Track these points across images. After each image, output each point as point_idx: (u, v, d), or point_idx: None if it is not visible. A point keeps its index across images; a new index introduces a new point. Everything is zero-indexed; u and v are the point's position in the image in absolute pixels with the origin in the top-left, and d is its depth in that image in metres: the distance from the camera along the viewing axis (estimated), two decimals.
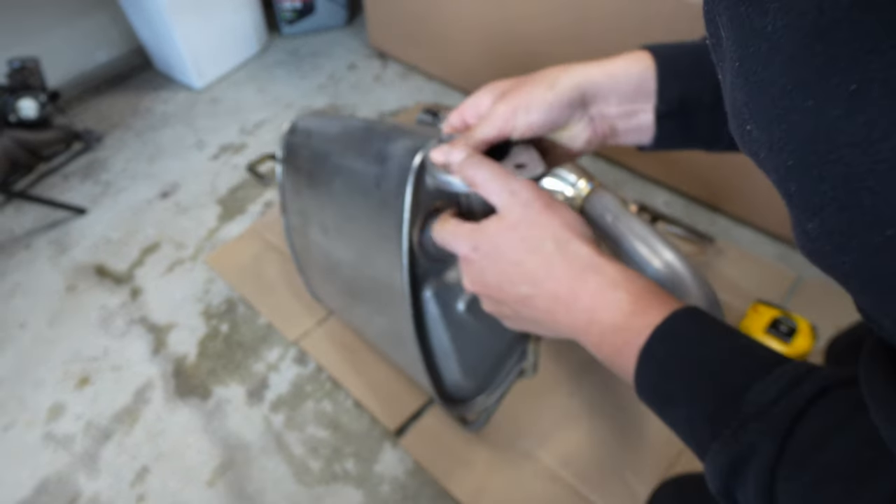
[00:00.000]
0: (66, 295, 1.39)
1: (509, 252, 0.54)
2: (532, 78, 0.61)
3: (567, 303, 0.51)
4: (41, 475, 1.09)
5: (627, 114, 0.62)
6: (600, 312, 0.49)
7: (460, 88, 1.92)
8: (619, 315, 0.48)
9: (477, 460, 1.04)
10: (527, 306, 0.55)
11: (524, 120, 0.59)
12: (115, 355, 1.26)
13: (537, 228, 0.54)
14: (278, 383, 1.19)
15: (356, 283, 0.99)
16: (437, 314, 0.93)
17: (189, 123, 1.89)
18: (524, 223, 0.54)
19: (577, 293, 0.51)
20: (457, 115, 0.65)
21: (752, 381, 0.40)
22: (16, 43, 1.82)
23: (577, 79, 0.59)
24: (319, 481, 1.04)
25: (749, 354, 0.43)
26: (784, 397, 0.38)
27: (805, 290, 1.24)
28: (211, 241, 1.49)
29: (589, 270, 0.51)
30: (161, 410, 1.16)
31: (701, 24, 0.35)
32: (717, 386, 0.42)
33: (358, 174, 0.87)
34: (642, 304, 0.48)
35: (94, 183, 1.69)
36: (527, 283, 0.54)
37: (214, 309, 1.33)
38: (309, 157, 1.00)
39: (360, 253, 0.93)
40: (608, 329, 0.49)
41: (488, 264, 0.56)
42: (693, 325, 0.46)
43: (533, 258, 0.53)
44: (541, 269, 0.53)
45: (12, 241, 1.53)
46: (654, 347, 0.45)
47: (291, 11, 2.21)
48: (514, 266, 0.54)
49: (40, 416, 1.17)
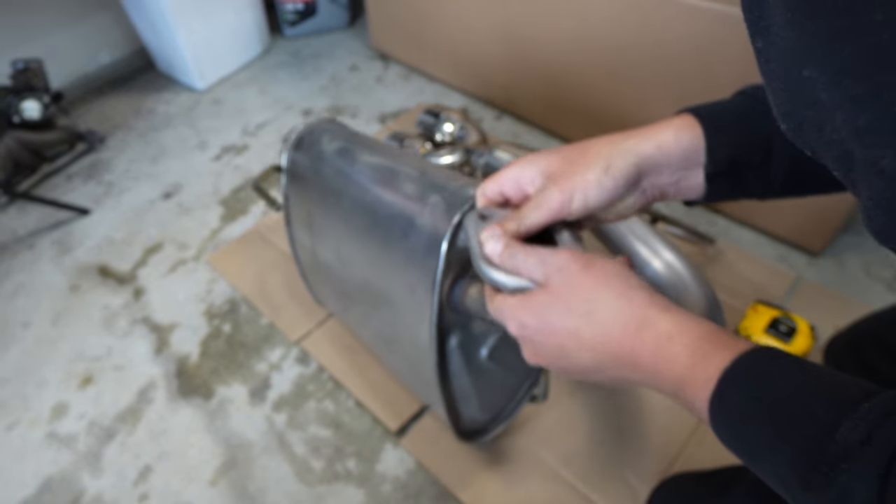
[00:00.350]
0: (70, 295, 1.39)
1: (559, 323, 0.52)
2: (583, 158, 0.59)
3: (632, 364, 0.50)
4: (45, 474, 1.09)
5: (678, 180, 0.61)
6: (662, 371, 0.48)
7: (461, 90, 1.93)
8: (679, 370, 0.47)
9: (478, 460, 1.04)
10: (595, 370, 0.53)
11: (581, 205, 0.57)
12: (118, 355, 1.26)
13: (581, 292, 0.52)
14: (280, 383, 1.19)
15: (375, 320, 0.99)
16: (460, 363, 0.93)
17: (191, 124, 1.90)
18: (565, 289, 0.53)
19: (637, 354, 0.49)
20: (494, 186, 0.62)
21: (840, 419, 0.36)
22: (19, 44, 1.82)
23: (631, 158, 0.57)
24: (321, 481, 1.04)
25: (830, 389, 0.39)
26: (877, 433, 0.34)
27: (804, 290, 1.25)
28: (213, 242, 1.49)
29: (643, 327, 0.49)
30: (164, 410, 1.16)
31: (697, 25, 0.36)
32: (799, 428, 0.39)
33: (381, 218, 0.85)
34: (700, 354, 0.46)
35: (97, 183, 1.70)
36: (587, 351, 0.52)
37: (217, 309, 1.33)
38: (319, 181, 0.98)
39: (381, 297, 0.92)
40: (674, 385, 0.47)
41: (542, 339, 0.54)
42: (762, 365, 0.43)
43: (586, 325, 0.51)
44: (597, 334, 0.51)
45: (16, 241, 1.54)
46: (723, 396, 0.43)
47: (293, 13, 2.21)
48: (569, 337, 0.52)
49: (44, 416, 1.17)
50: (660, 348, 0.48)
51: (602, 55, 1.42)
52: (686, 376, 0.46)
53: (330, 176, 0.96)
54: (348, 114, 1.89)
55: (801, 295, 1.24)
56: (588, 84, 1.50)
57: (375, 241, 0.86)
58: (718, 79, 1.23)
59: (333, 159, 0.96)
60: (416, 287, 0.79)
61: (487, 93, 1.84)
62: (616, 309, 0.51)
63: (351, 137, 1.00)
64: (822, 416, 0.37)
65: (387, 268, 0.86)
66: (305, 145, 1.02)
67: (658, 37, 1.27)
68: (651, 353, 0.48)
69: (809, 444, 0.37)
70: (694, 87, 1.27)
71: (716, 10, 1.15)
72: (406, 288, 0.82)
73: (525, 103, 1.74)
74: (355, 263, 0.95)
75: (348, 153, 0.95)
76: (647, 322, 0.49)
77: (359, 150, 0.95)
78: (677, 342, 0.47)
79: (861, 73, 0.28)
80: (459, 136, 1.44)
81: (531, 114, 1.75)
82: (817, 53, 0.29)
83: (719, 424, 0.44)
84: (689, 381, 0.46)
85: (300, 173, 1.02)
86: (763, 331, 1.08)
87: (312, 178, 0.99)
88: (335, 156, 0.97)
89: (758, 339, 1.07)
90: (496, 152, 1.27)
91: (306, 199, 1.02)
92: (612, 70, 1.42)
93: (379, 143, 1.01)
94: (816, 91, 0.31)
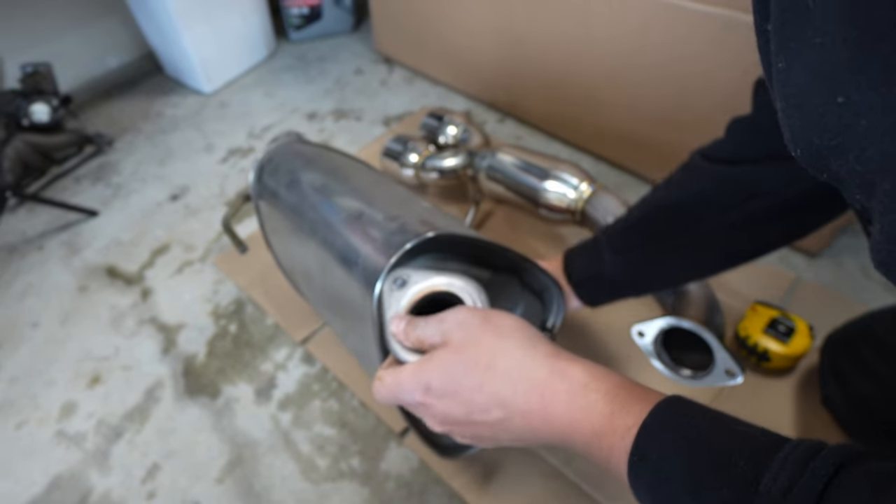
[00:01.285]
0: (78, 295, 1.39)
1: (465, 378, 0.50)
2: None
3: (543, 416, 0.48)
4: (53, 472, 1.09)
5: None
6: (578, 420, 0.46)
7: (464, 93, 1.93)
8: (597, 419, 0.45)
9: (480, 459, 1.04)
10: (504, 429, 0.51)
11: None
12: (125, 355, 1.26)
13: (483, 344, 0.51)
14: (286, 382, 1.19)
15: (349, 339, 0.98)
16: None
17: (198, 127, 1.90)
18: (466, 343, 0.52)
19: (549, 405, 0.48)
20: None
21: (759, 471, 0.36)
22: (28, 48, 1.83)
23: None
24: (326, 478, 1.05)
25: (747, 440, 0.39)
26: (798, 482, 0.35)
27: (803, 291, 1.25)
28: (219, 243, 1.50)
29: (554, 377, 0.48)
30: (171, 409, 1.17)
31: (697, 29, 0.35)
32: (723, 481, 0.38)
33: (329, 253, 0.85)
34: (619, 402, 0.45)
35: (105, 185, 1.70)
36: (496, 406, 0.49)
37: (223, 309, 1.33)
38: (282, 208, 0.99)
39: (347, 322, 0.92)
40: (590, 436, 0.45)
41: (449, 401, 0.52)
42: (679, 418, 0.42)
43: (492, 378, 0.49)
44: (505, 387, 0.49)
45: (25, 242, 1.54)
46: (642, 447, 0.42)
47: (299, 17, 2.22)
48: (475, 392, 0.50)
49: (52, 415, 1.17)
50: (575, 397, 0.47)
51: (603, 59, 1.42)
52: (604, 426, 0.45)
53: (291, 206, 0.96)
54: (353, 117, 1.89)
55: (799, 295, 1.24)
56: (589, 87, 1.50)
57: (331, 274, 0.86)
58: (717, 82, 1.23)
59: (291, 190, 0.97)
60: (366, 327, 0.77)
61: (490, 96, 1.85)
62: (522, 358, 0.50)
63: (308, 164, 1.00)
64: (743, 468, 0.37)
65: (344, 299, 0.86)
66: (267, 173, 1.03)
67: (658, 41, 1.27)
68: (565, 403, 0.47)
69: (734, 497, 0.37)
70: (693, 90, 1.28)
71: (715, 15, 1.15)
72: (360, 322, 0.81)
73: (527, 106, 1.74)
74: (325, 288, 0.95)
75: (304, 184, 0.96)
76: (559, 372, 0.48)
77: (313, 180, 0.96)
78: (593, 390, 0.46)
79: None
80: (463, 138, 1.45)
81: (533, 117, 1.75)
82: (863, 80, 0.28)
83: (638, 478, 0.42)
84: (608, 430, 0.44)
85: (268, 200, 1.03)
86: (762, 331, 1.08)
87: (278, 206, 1.00)
88: (292, 186, 0.97)
89: (757, 339, 1.07)
90: (499, 155, 1.28)
91: (277, 224, 1.02)
92: (612, 73, 1.42)
93: (338, 164, 1.01)
94: (852, 118, 0.29)
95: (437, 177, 1.37)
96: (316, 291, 1.00)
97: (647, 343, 0.89)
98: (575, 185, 1.16)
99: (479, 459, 1.04)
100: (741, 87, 1.22)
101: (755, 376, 1.11)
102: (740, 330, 1.11)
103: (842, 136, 0.30)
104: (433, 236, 0.70)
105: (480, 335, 0.52)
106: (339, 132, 1.83)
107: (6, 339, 1.31)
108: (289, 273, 1.12)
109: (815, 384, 1.08)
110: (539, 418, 0.48)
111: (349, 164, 1.02)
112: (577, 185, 1.16)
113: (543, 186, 1.19)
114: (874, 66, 0.27)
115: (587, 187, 1.16)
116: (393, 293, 0.65)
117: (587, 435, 0.45)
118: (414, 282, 0.65)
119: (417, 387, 0.53)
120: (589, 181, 1.17)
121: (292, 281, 1.14)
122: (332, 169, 0.98)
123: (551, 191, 1.18)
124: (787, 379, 1.10)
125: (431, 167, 1.37)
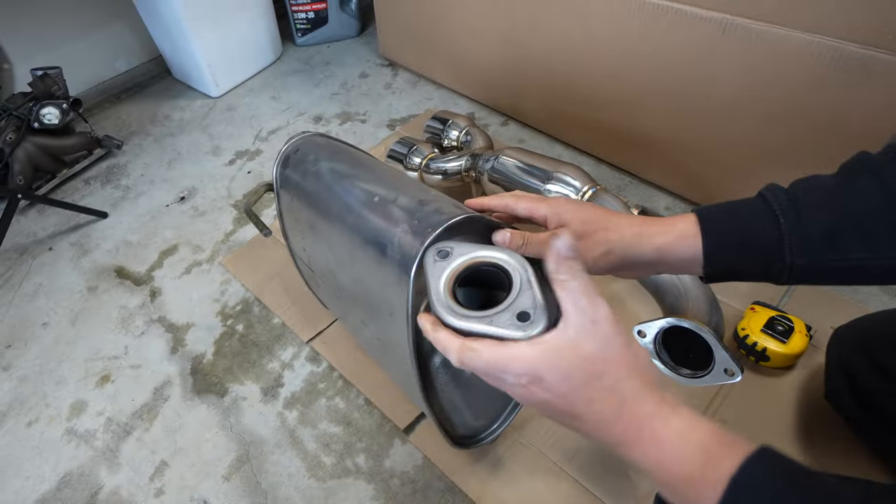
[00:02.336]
0: (88, 295, 1.40)
1: (581, 388, 0.49)
2: (595, 235, 0.62)
3: (632, 447, 0.48)
4: (63, 469, 1.10)
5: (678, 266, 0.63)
6: (667, 465, 0.47)
7: (468, 96, 1.93)
8: (688, 468, 0.45)
9: (483, 456, 1.04)
10: (587, 433, 0.51)
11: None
12: (134, 354, 1.27)
13: (607, 351, 0.49)
14: (292, 381, 1.19)
15: (367, 331, 0.98)
16: (446, 379, 0.92)
17: (205, 130, 1.91)
18: (590, 338, 0.49)
19: (643, 442, 0.48)
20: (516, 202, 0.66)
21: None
22: (39, 53, 1.84)
23: (632, 252, 0.61)
24: (332, 475, 1.05)
25: (828, 496, 0.42)
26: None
27: (801, 291, 1.25)
28: (227, 244, 1.50)
29: (656, 420, 0.48)
30: (179, 407, 1.17)
31: (696, 32, 0.36)
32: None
33: (359, 240, 0.84)
34: (712, 455, 0.45)
35: (114, 187, 1.71)
36: (595, 422, 0.49)
37: (230, 309, 1.34)
38: (307, 198, 0.98)
39: (369, 312, 0.92)
40: (678, 480, 0.46)
41: (554, 397, 0.50)
42: (769, 474, 0.43)
43: (602, 397, 0.49)
44: (610, 411, 0.49)
45: (35, 243, 1.55)
46: (732, 500, 0.43)
47: (305, 22, 2.23)
48: (583, 404, 0.49)
49: (63, 413, 1.18)
50: (672, 446, 0.47)
51: (604, 62, 1.42)
52: (695, 474, 0.45)
53: (315, 195, 0.96)
54: (358, 119, 1.89)
55: (797, 296, 1.24)
56: (590, 90, 1.50)
57: (357, 261, 0.85)
58: (717, 84, 1.23)
59: (316, 179, 0.96)
60: (395, 311, 0.78)
61: (493, 99, 1.85)
62: (633, 388, 0.49)
63: (333, 155, 0.99)
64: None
65: (369, 288, 0.85)
66: (292, 163, 1.01)
67: (658, 44, 1.27)
68: (659, 447, 0.47)
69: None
70: (693, 93, 1.28)
71: (714, 18, 1.15)
72: (387, 309, 0.81)
73: (530, 109, 1.74)
74: (344, 279, 0.94)
75: (329, 173, 0.95)
76: (662, 416, 0.48)
77: (339, 169, 0.95)
78: (689, 441, 0.47)
79: None
80: (466, 141, 1.45)
81: (536, 119, 1.75)
82: None
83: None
84: (699, 479, 0.45)
85: (290, 189, 1.02)
86: (760, 330, 1.08)
87: (301, 196, 0.99)
88: (318, 176, 0.96)
89: (756, 338, 1.08)
90: (502, 157, 1.28)
91: (298, 215, 1.02)
92: (613, 76, 1.42)
93: (362, 157, 1.00)
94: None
95: (440, 179, 1.37)
96: (334, 282, 1.01)
97: (647, 342, 0.89)
98: (577, 187, 1.16)
99: (483, 457, 1.04)
100: (740, 90, 1.22)
101: (756, 374, 1.11)
102: (740, 330, 1.11)
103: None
104: (477, 216, 0.69)
105: (606, 332, 0.49)
106: (345, 134, 1.83)
107: (17, 338, 1.32)
108: (304, 265, 1.12)
109: (815, 381, 1.08)
110: (628, 447, 0.49)
111: (370, 158, 1.02)
112: (579, 187, 1.16)
113: (546, 188, 1.19)
114: None
115: (588, 188, 1.16)
116: (436, 264, 0.61)
117: (674, 478, 0.46)
118: (458, 254, 0.62)
119: (527, 374, 0.50)
120: (590, 183, 1.17)
121: (306, 274, 1.14)
122: (357, 160, 0.97)
123: (553, 192, 1.18)
124: (789, 376, 1.10)
125: (435, 169, 1.37)
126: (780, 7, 1.07)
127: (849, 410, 0.98)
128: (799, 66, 1.10)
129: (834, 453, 1.00)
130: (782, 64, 1.12)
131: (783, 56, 1.11)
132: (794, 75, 1.11)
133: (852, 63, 1.03)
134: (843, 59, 1.04)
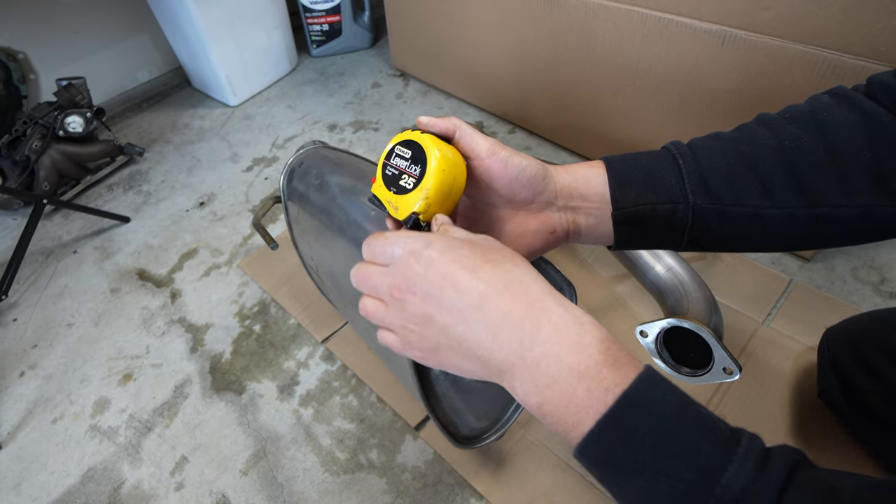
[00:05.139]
0: (111, 297, 1.42)
1: (465, 258, 0.45)
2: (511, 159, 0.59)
3: (519, 323, 0.42)
4: (87, 464, 1.11)
5: (591, 223, 0.59)
6: (561, 349, 0.41)
7: (476, 105, 1.94)
8: (585, 360, 0.40)
9: (491, 452, 1.05)
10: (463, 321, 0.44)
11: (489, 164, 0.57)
12: (155, 353, 1.28)
13: (497, 246, 0.47)
14: (307, 380, 1.20)
15: (370, 337, 0.99)
16: (447, 385, 0.92)
17: (224, 138, 1.93)
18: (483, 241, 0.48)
19: (536, 318, 0.42)
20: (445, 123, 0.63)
21: (721, 464, 0.36)
22: (64, 64, 1.86)
23: (547, 168, 0.58)
24: (346, 470, 1.06)
25: (712, 429, 0.39)
26: (760, 480, 0.35)
27: (796, 292, 1.25)
28: (245, 248, 1.51)
29: (550, 299, 0.43)
30: (199, 404, 1.18)
31: (696, 44, 0.36)
32: (689, 464, 0.37)
33: (357, 249, 0.85)
34: (612, 356, 0.41)
35: (136, 193, 1.73)
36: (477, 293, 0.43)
37: (248, 310, 1.35)
38: (311, 209, 1.00)
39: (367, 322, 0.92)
40: (567, 371, 0.40)
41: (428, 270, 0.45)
42: (657, 391, 0.40)
43: (493, 268, 0.45)
44: (495, 281, 0.44)
45: (61, 246, 1.57)
46: (622, 410, 0.39)
47: (320, 34, 2.24)
48: (461, 269, 0.44)
49: (87, 410, 1.19)
50: (568, 327, 0.42)
51: (607, 73, 1.43)
52: (590, 371, 0.40)
53: (318, 207, 0.97)
54: (371, 127, 1.91)
55: (793, 296, 1.24)
56: (594, 100, 1.51)
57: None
58: (715, 93, 1.23)
59: (319, 192, 0.98)
60: None
61: (501, 108, 1.86)
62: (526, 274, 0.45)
63: (335, 168, 1.00)
64: (707, 457, 0.37)
65: None
66: (297, 176, 1.03)
67: (660, 55, 1.28)
68: (554, 327, 0.42)
69: (698, 483, 0.36)
70: (692, 101, 1.28)
71: (713, 31, 1.16)
72: None
73: (536, 118, 1.75)
74: (348, 287, 0.95)
75: (331, 186, 0.96)
76: (557, 299, 0.43)
77: (341, 182, 0.96)
78: (590, 333, 0.42)
79: None
80: None
81: (542, 128, 1.76)
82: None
83: (602, 436, 0.39)
84: (594, 377, 0.40)
85: (297, 201, 1.03)
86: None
87: (306, 207, 1.01)
88: (321, 189, 0.98)
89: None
90: None
91: (304, 225, 1.03)
92: (616, 87, 1.43)
93: (363, 168, 1.02)
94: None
95: None
96: (341, 289, 1.02)
97: (649, 342, 0.89)
98: None
99: (491, 453, 1.05)
100: (737, 97, 1.23)
101: (754, 373, 1.11)
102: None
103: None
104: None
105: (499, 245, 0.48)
106: (358, 142, 1.85)
107: (43, 338, 1.33)
108: (314, 272, 1.13)
109: (810, 379, 1.09)
110: (512, 323, 0.42)
111: (371, 169, 1.03)
112: None
113: None
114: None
115: None
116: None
117: (562, 368, 0.40)
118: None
119: (410, 243, 0.47)
120: None
121: (316, 280, 1.15)
122: (358, 172, 0.99)
123: None
124: (784, 375, 1.10)
125: None
126: (777, 20, 1.08)
127: (841, 410, 0.98)
128: (796, 76, 1.10)
129: (829, 451, 1.00)
130: (780, 74, 1.12)
131: (780, 67, 1.11)
132: (791, 86, 1.12)
133: (847, 73, 1.03)
134: (839, 70, 1.04)
